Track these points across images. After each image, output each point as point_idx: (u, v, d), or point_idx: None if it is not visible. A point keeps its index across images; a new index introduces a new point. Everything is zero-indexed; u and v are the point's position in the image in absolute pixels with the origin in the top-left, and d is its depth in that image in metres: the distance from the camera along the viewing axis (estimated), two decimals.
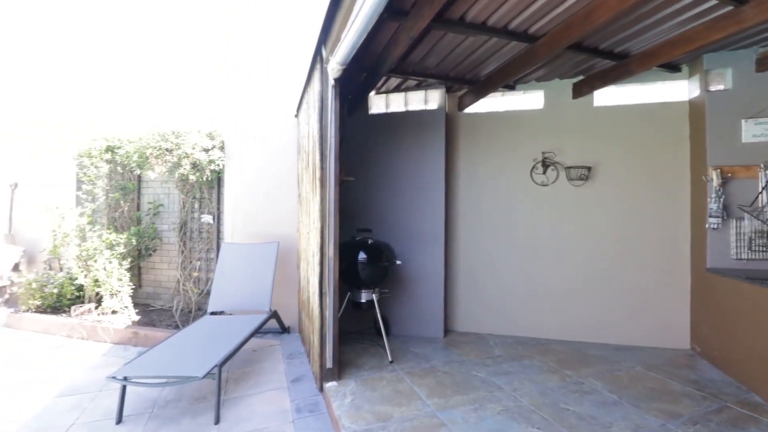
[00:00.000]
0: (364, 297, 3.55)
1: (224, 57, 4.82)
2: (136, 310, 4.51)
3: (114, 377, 2.53)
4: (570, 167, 3.92)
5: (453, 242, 4.27)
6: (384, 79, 4.07)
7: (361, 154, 4.20)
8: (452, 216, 4.27)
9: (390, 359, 3.35)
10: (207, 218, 4.81)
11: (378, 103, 4.50)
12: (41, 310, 4.65)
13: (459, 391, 2.84)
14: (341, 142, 3.03)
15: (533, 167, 4.07)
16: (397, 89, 4.45)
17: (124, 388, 2.60)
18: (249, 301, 3.96)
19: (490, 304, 4.17)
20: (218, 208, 4.89)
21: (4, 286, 5.14)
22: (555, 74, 3.90)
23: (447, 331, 4.11)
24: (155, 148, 4.56)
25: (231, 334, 3.28)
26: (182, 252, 4.83)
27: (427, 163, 4.08)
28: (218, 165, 4.61)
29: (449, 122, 4.25)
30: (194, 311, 4.53)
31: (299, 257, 4.29)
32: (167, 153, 4.54)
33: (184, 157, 4.47)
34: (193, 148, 4.50)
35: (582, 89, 3.90)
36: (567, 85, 3.98)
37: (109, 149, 4.90)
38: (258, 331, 3.59)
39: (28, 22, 5.94)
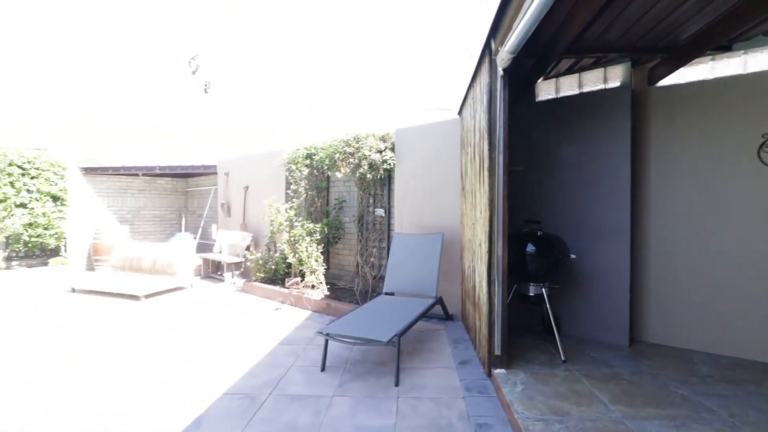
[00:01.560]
0: (532, 290, 3.44)
1: (394, 69, 5.36)
2: (327, 287, 5.45)
3: (320, 332, 3.17)
4: None
5: (641, 239, 3.70)
6: (554, 62, 3.84)
7: (528, 143, 4.06)
8: (640, 209, 3.70)
9: (563, 358, 3.15)
10: (380, 212, 5.43)
11: (547, 89, 4.26)
12: (264, 280, 6.10)
13: (652, 404, 2.48)
14: (509, 132, 3.03)
15: (762, 145, 3.18)
16: (569, 71, 4.12)
17: (326, 342, 3.24)
18: (416, 286, 4.32)
19: (697, 315, 3.45)
20: (389, 203, 5.47)
21: (241, 262, 6.94)
22: None
23: (632, 339, 3.59)
24: (341, 152, 5.41)
25: (404, 312, 3.65)
26: (360, 241, 5.59)
27: (606, 150, 3.66)
28: (389, 164, 5.16)
29: (636, 100, 3.70)
30: (370, 291, 5.19)
31: (462, 248, 4.44)
32: (350, 156, 5.34)
33: (363, 159, 5.18)
34: (370, 150, 5.16)
35: None
36: None
37: (308, 156, 6.07)
38: (425, 315, 3.89)
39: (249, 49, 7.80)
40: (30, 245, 7.63)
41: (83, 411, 2.65)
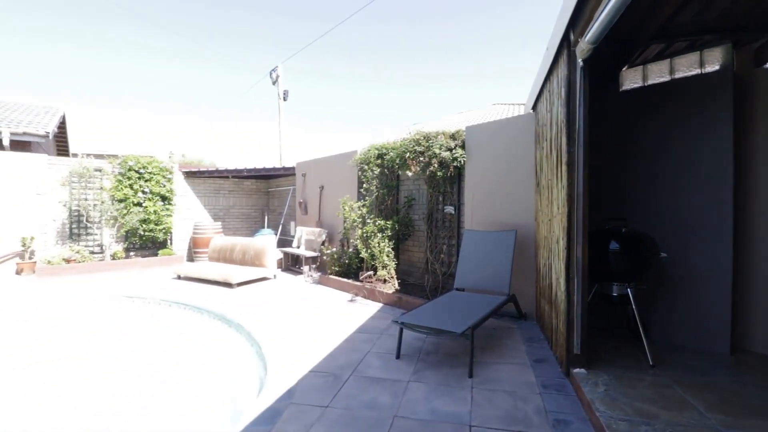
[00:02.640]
0: (615, 290, 3.27)
1: (459, 66, 5.37)
2: (398, 282, 5.65)
3: (396, 321, 3.35)
4: None
5: (748, 241, 3.32)
6: (640, 49, 3.61)
7: (610, 135, 3.85)
8: (745, 204, 3.33)
9: (651, 363, 2.97)
10: (449, 209, 5.50)
11: (632, 77, 4.00)
12: (338, 273, 6.49)
13: (757, 415, 2.26)
14: (589, 125, 2.93)
15: None
16: (658, 57, 3.84)
17: (401, 331, 3.41)
18: (488, 282, 4.32)
19: None
20: (458, 200, 5.51)
21: (317, 256, 7.43)
22: None
23: (734, 348, 3.25)
24: (411, 151, 5.57)
25: (476, 306, 3.70)
26: (429, 238, 5.71)
27: (704, 139, 3.35)
28: (460, 162, 5.20)
29: (739, 84, 3.34)
30: (440, 288, 5.28)
31: (537, 245, 4.34)
32: (420, 155, 5.47)
33: (433, 157, 5.29)
34: (440, 149, 5.25)
35: None
36: None
37: (379, 156, 6.33)
38: (497, 311, 3.89)
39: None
40: (144, 238, 8.93)
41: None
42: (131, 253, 8.88)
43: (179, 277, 7.21)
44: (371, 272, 5.72)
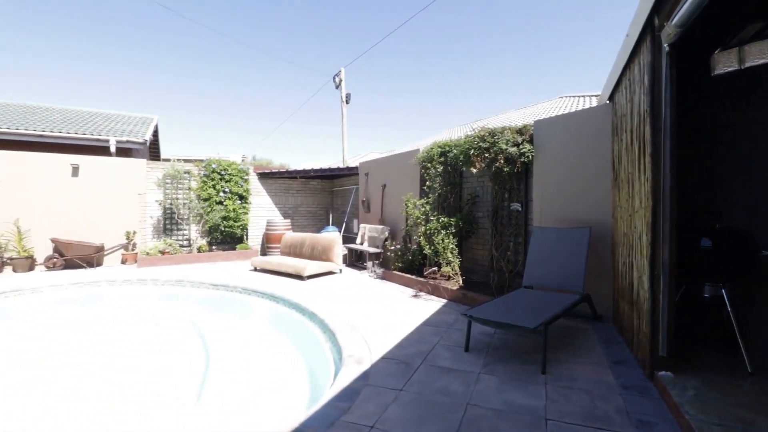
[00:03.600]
0: (707, 291, 3.03)
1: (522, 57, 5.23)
2: (462, 279, 5.66)
3: (465, 314, 3.41)
4: None
5: None
6: (736, 30, 3.28)
7: (698, 124, 3.56)
8: None
9: (749, 369, 2.72)
10: (516, 206, 5.39)
11: (726, 61, 3.63)
12: (401, 269, 6.65)
13: None
14: (676, 113, 2.75)
15: None
16: (757, 37, 3.45)
17: (470, 324, 3.46)
18: (559, 281, 4.19)
19: None
20: (526, 196, 5.38)
21: (380, 252, 7.66)
22: None
23: None
24: (476, 148, 5.55)
25: (548, 304, 3.62)
26: (494, 235, 5.64)
27: None
28: (527, 157, 5.09)
29: None
30: (506, 286, 5.21)
31: (614, 242, 4.12)
32: (485, 151, 5.44)
33: (499, 153, 5.23)
34: (506, 144, 5.18)
35: None
36: None
37: (442, 154, 6.37)
38: (570, 311, 3.77)
39: None
40: (224, 234, 9.82)
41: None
42: (213, 247, 9.82)
43: (255, 269, 7.85)
44: (435, 268, 5.79)
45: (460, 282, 5.56)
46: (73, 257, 7.89)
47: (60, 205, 8.22)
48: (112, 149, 9.88)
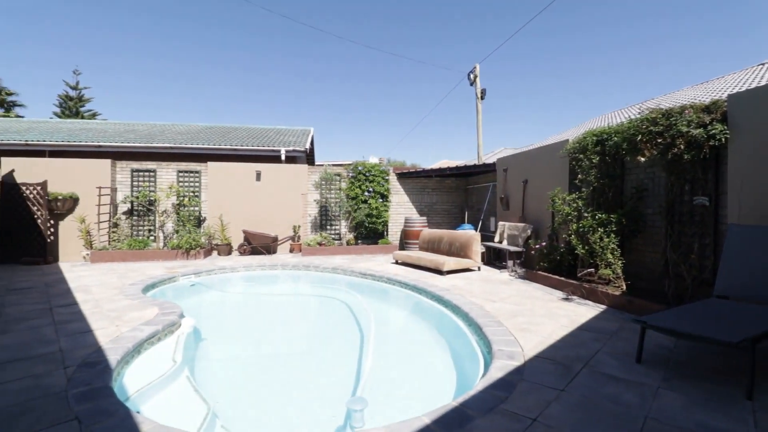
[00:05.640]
0: None
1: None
2: (626, 283, 4.98)
3: (638, 320, 3.02)
4: None
5: None
6: None
7: None
8: None
9: None
10: (702, 200, 4.47)
11: None
12: (546, 270, 6.21)
13: None
14: None
15: None
16: None
17: (643, 332, 3.05)
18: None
19: None
20: (716, 188, 4.42)
21: (522, 251, 7.30)
22: None
23: None
24: (644, 133, 4.81)
25: (752, 318, 2.92)
26: (669, 235, 4.78)
27: None
28: (719, 140, 4.17)
29: None
30: (689, 295, 4.38)
31: None
32: (657, 136, 4.66)
33: (677, 137, 4.42)
34: (688, 126, 4.34)
35: None
36: None
37: (599, 143, 5.71)
38: None
39: None
40: (368, 229, 10.77)
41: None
42: (359, 241, 10.86)
43: (396, 262, 8.40)
44: (591, 270, 5.24)
45: (623, 287, 4.90)
46: (257, 245, 9.77)
47: (247, 203, 10.27)
48: (282, 157, 11.86)
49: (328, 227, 11.01)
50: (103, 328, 3.85)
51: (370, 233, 10.92)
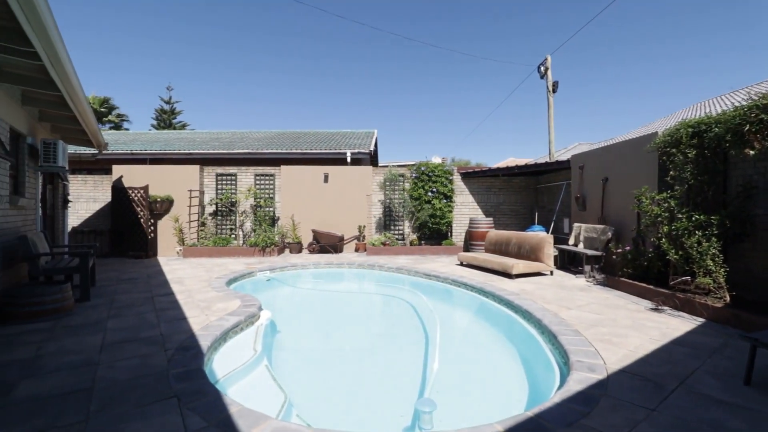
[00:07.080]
0: None
1: None
2: (732, 294, 4.37)
3: (747, 336, 2.64)
4: None
5: None
6: None
7: None
8: None
9: None
10: None
11: None
12: (631, 277, 5.66)
13: None
14: None
15: None
16: None
17: (753, 350, 2.65)
18: None
19: None
20: None
21: (601, 255, 6.73)
22: None
23: None
24: (753, 122, 4.18)
25: None
26: None
27: None
28: None
29: None
30: None
31: None
32: None
33: None
34: None
35: None
36: None
37: (695, 135, 5.07)
38: None
39: None
40: (431, 230, 10.71)
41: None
42: (422, 242, 10.83)
43: (461, 264, 8.23)
44: (687, 278, 4.67)
45: (727, 298, 4.29)
46: (325, 244, 10.21)
47: (316, 204, 10.77)
48: (348, 160, 12.25)
49: (392, 227, 11.14)
50: (195, 316, 4.29)
51: (433, 234, 10.84)
